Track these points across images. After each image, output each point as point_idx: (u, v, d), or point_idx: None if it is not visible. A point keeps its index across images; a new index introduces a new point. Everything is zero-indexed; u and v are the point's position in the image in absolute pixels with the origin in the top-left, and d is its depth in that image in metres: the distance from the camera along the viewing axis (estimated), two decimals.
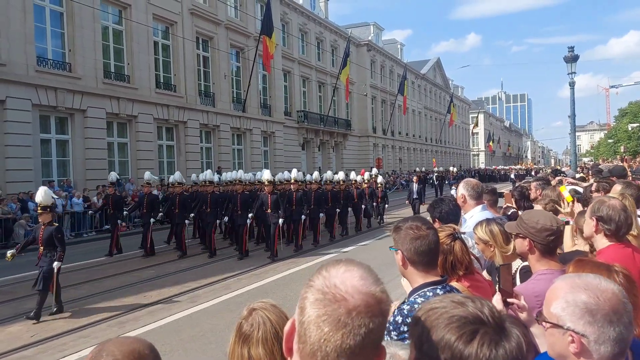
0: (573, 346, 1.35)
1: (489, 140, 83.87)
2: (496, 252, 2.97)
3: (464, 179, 22.38)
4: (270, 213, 12.07)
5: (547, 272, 2.42)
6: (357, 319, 0.93)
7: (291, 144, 34.55)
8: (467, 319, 1.01)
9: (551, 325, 1.40)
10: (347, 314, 0.93)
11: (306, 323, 0.95)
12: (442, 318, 1.04)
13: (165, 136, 23.84)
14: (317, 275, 1.00)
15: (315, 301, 0.95)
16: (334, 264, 1.02)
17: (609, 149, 64.37)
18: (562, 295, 1.39)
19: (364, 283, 0.97)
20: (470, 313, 1.02)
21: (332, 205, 14.80)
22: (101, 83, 19.74)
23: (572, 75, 19.05)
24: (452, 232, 2.51)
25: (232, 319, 7.14)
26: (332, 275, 0.98)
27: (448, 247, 2.48)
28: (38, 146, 17.54)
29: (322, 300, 0.95)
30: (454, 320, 1.02)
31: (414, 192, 19.21)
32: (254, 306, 1.83)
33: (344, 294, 0.94)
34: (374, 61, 48.43)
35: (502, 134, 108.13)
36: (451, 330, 1.01)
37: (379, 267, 8.43)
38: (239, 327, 1.79)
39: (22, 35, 16.74)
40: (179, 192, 13.37)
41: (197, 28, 25.01)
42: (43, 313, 7.69)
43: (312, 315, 0.94)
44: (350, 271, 0.99)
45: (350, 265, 1.01)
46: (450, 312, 1.04)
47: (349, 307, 0.93)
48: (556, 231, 2.44)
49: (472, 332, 0.99)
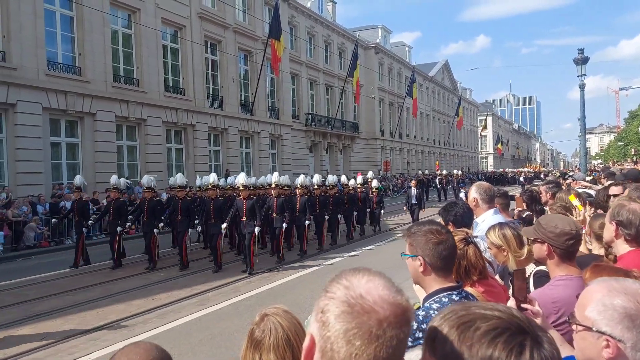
0: (607, 351, 1.31)
1: (498, 143, 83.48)
2: (509, 256, 2.93)
3: (468, 182, 22.09)
4: (246, 221, 10.96)
5: (566, 278, 2.39)
6: (388, 331, 0.89)
7: (299, 146, 34.58)
8: (510, 330, 0.89)
9: (584, 329, 1.37)
10: (379, 326, 0.89)
11: (333, 338, 0.90)
12: (479, 333, 0.90)
13: (173, 139, 23.93)
14: (336, 286, 0.95)
15: (341, 314, 0.91)
16: (353, 273, 0.98)
17: (619, 151, 63.87)
18: (599, 298, 1.34)
19: (389, 293, 0.93)
20: (511, 323, 0.90)
21: (320, 212, 13.80)
22: (110, 87, 19.87)
23: (582, 78, 18.92)
24: (465, 237, 2.48)
25: (241, 322, 7.15)
26: (354, 285, 0.94)
27: (461, 251, 2.44)
28: (48, 149, 17.67)
29: (350, 313, 0.90)
30: (498, 333, 0.89)
31: (413, 197, 17.57)
32: (266, 312, 1.82)
33: (372, 305, 0.90)
34: (382, 64, 48.40)
35: (511, 136, 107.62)
36: (498, 346, 0.87)
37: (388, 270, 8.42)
38: (250, 333, 1.78)
39: (33, 40, 16.90)
40: (148, 197, 11.99)
41: (205, 32, 25.12)
42: (53, 316, 7.74)
43: (340, 329, 0.90)
44: (373, 281, 0.95)
45: (371, 275, 0.97)
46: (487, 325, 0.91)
47: (380, 319, 0.89)
48: (575, 235, 2.40)
49: (520, 344, 0.88)
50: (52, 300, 8.69)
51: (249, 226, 10.90)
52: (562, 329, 2.31)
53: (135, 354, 1.22)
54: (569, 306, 2.33)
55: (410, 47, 59.96)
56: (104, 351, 6.19)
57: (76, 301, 8.57)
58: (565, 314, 2.33)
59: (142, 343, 1.27)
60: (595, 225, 3.13)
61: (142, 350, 1.23)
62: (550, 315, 2.33)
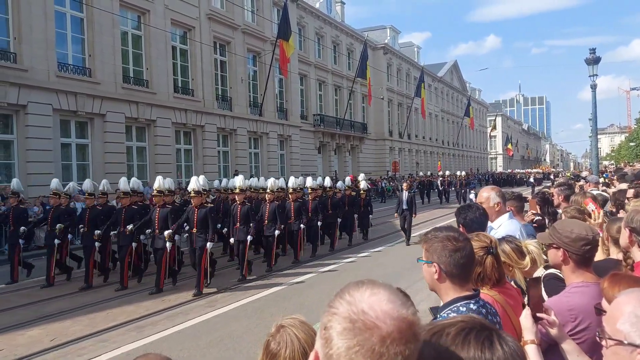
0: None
1: (508, 143, 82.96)
2: (514, 270, 2.88)
3: (478, 183, 21.50)
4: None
5: (582, 285, 2.33)
6: (392, 348, 0.85)
7: (307, 147, 34.56)
8: (476, 328, 1.00)
9: (616, 343, 1.31)
10: (381, 343, 0.85)
11: (335, 356, 0.87)
12: (450, 337, 1.01)
13: (183, 140, 23.99)
14: (339, 301, 0.92)
15: (343, 331, 0.87)
16: (356, 286, 0.94)
17: (631, 152, 63.12)
18: (631, 310, 1.28)
19: (394, 307, 0.89)
20: (474, 323, 1.01)
21: (295, 219, 12.41)
22: (120, 88, 19.95)
23: (594, 78, 18.73)
24: (487, 246, 2.42)
25: (250, 325, 7.13)
26: (357, 300, 0.90)
27: (479, 258, 2.39)
28: (58, 150, 17.77)
29: (352, 330, 0.87)
30: (466, 333, 0.99)
31: (404, 201, 14.78)
32: (282, 323, 1.77)
33: (374, 321, 0.87)
34: (391, 64, 48.26)
35: (520, 136, 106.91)
36: (471, 343, 0.98)
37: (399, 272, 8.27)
38: (266, 345, 1.74)
39: (43, 42, 17.00)
40: (89, 204, 10.32)
41: (214, 33, 25.17)
42: (62, 317, 7.77)
43: (342, 347, 0.87)
44: (377, 294, 0.91)
45: (376, 288, 0.93)
46: (455, 328, 1.01)
47: (382, 335, 0.86)
48: (592, 241, 2.34)
49: (488, 338, 0.97)
50: (61, 301, 8.73)
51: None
52: (579, 337, 2.25)
53: None
54: (585, 314, 2.28)
55: (419, 47, 59.72)
56: (113, 353, 6.19)
57: (85, 302, 8.59)
58: (583, 322, 2.28)
59: (152, 355, 1.22)
60: (613, 230, 3.06)
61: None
62: (567, 324, 2.27)
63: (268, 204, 11.61)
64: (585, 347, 2.15)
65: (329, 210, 14.23)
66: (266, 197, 11.91)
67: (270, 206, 11.51)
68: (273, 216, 11.41)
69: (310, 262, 12.30)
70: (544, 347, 2.09)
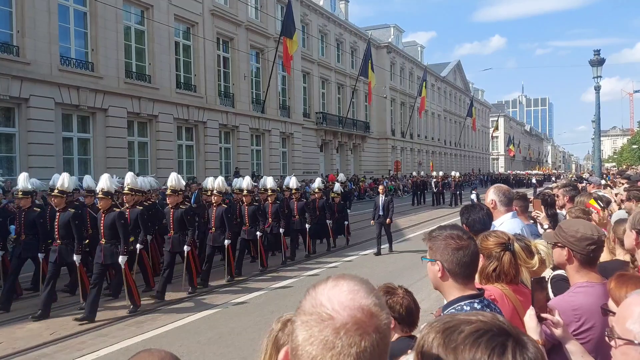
0: None
1: (509, 144, 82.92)
2: (522, 269, 2.87)
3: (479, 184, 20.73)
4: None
5: (587, 285, 2.31)
6: (345, 338, 0.84)
7: (309, 145, 34.53)
8: (492, 331, 0.91)
9: (626, 343, 1.30)
10: (335, 334, 0.84)
11: (295, 347, 0.88)
12: (463, 335, 0.92)
13: (184, 136, 23.98)
14: (305, 296, 0.93)
15: (302, 324, 0.88)
16: (324, 280, 0.94)
17: (633, 154, 63.05)
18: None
19: (353, 297, 0.88)
20: (493, 325, 0.92)
21: (250, 225, 10.71)
22: (123, 83, 19.93)
23: (598, 79, 18.69)
24: (505, 242, 2.41)
25: (250, 321, 7.11)
26: (318, 293, 0.90)
27: (497, 255, 2.38)
28: (60, 144, 17.74)
29: (309, 322, 0.87)
30: (480, 334, 0.90)
31: (380, 207, 12.69)
32: (287, 317, 1.74)
33: (330, 312, 0.86)
34: (394, 63, 48.18)
35: (523, 137, 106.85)
36: (480, 347, 0.89)
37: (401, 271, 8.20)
38: (275, 340, 1.70)
39: (46, 35, 16.98)
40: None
41: (217, 29, 25.13)
42: (62, 311, 7.75)
43: (300, 338, 0.87)
44: (338, 286, 0.90)
45: (340, 280, 0.92)
46: (470, 327, 0.92)
47: (336, 326, 0.85)
48: (597, 241, 2.32)
49: (502, 345, 0.89)
50: (61, 295, 8.69)
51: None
52: (583, 337, 2.23)
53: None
54: (590, 314, 2.26)
55: (422, 46, 59.67)
56: (112, 347, 6.18)
57: None
58: (587, 322, 2.26)
59: (156, 351, 1.19)
60: (620, 231, 3.03)
61: (157, 358, 1.15)
62: (571, 324, 2.25)
63: (215, 207, 9.90)
64: (589, 348, 2.13)
65: (296, 215, 12.59)
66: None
67: (216, 210, 9.81)
68: (220, 222, 9.76)
69: (311, 260, 12.29)
70: (548, 347, 2.08)
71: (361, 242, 14.72)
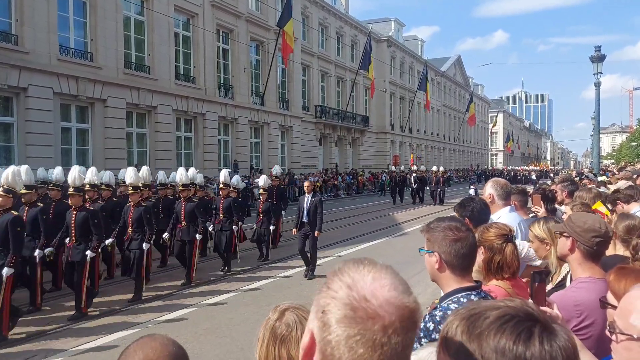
0: None
1: (508, 140, 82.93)
2: (552, 250, 2.85)
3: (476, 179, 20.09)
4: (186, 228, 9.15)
5: (590, 280, 2.30)
6: (394, 337, 0.82)
7: (308, 139, 34.48)
8: (519, 316, 0.87)
9: (628, 338, 1.28)
10: (383, 333, 0.82)
11: (334, 342, 0.84)
12: (488, 321, 0.88)
13: (183, 128, 23.92)
14: (338, 283, 0.87)
15: (343, 318, 0.84)
16: (356, 268, 0.89)
17: (632, 151, 63.07)
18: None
19: (397, 294, 0.85)
20: (520, 310, 0.89)
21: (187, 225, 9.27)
22: (122, 73, 19.85)
23: (598, 76, 18.65)
24: (506, 233, 2.40)
25: (247, 313, 7.11)
26: (358, 285, 0.86)
27: (499, 246, 2.37)
28: (58, 134, 17.69)
29: (353, 318, 0.83)
30: (505, 320, 0.87)
31: (304, 211, 9.44)
32: (284, 307, 1.73)
33: (377, 309, 0.83)
34: (394, 57, 48.05)
35: (522, 134, 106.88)
36: (505, 333, 0.85)
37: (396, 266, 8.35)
38: (272, 330, 1.69)
39: (45, 25, 16.87)
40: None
41: (217, 20, 25.01)
42: (59, 301, 7.73)
43: (342, 335, 0.83)
44: (379, 280, 0.87)
45: (378, 272, 0.89)
46: (496, 313, 0.89)
47: (385, 325, 0.82)
48: (603, 234, 2.31)
49: (528, 330, 0.86)
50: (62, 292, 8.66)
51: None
52: (584, 333, 2.22)
53: (152, 348, 1.12)
54: (591, 310, 2.24)
55: (423, 41, 59.49)
56: (109, 337, 6.18)
57: None
58: (588, 318, 2.24)
59: (159, 337, 1.17)
60: (620, 227, 3.02)
61: (159, 344, 1.14)
62: (572, 319, 2.24)
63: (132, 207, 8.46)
64: (589, 344, 2.12)
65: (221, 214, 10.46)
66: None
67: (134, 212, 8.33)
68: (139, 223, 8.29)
69: None
70: None
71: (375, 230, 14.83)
